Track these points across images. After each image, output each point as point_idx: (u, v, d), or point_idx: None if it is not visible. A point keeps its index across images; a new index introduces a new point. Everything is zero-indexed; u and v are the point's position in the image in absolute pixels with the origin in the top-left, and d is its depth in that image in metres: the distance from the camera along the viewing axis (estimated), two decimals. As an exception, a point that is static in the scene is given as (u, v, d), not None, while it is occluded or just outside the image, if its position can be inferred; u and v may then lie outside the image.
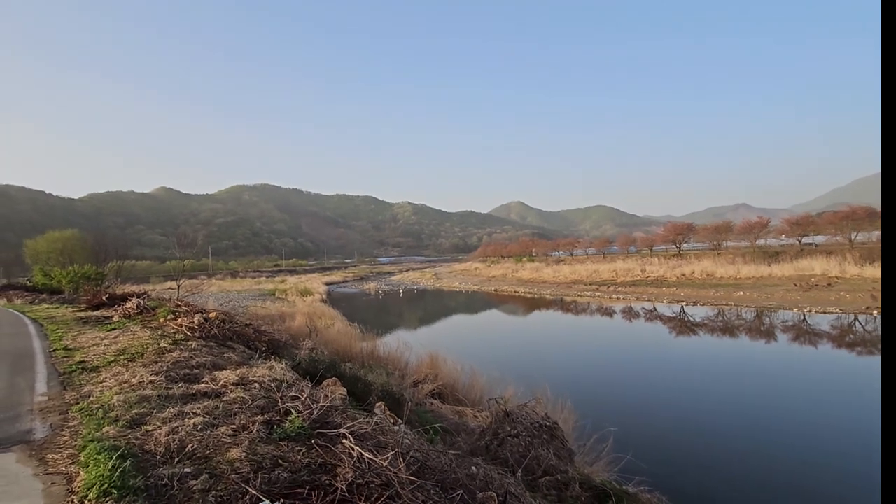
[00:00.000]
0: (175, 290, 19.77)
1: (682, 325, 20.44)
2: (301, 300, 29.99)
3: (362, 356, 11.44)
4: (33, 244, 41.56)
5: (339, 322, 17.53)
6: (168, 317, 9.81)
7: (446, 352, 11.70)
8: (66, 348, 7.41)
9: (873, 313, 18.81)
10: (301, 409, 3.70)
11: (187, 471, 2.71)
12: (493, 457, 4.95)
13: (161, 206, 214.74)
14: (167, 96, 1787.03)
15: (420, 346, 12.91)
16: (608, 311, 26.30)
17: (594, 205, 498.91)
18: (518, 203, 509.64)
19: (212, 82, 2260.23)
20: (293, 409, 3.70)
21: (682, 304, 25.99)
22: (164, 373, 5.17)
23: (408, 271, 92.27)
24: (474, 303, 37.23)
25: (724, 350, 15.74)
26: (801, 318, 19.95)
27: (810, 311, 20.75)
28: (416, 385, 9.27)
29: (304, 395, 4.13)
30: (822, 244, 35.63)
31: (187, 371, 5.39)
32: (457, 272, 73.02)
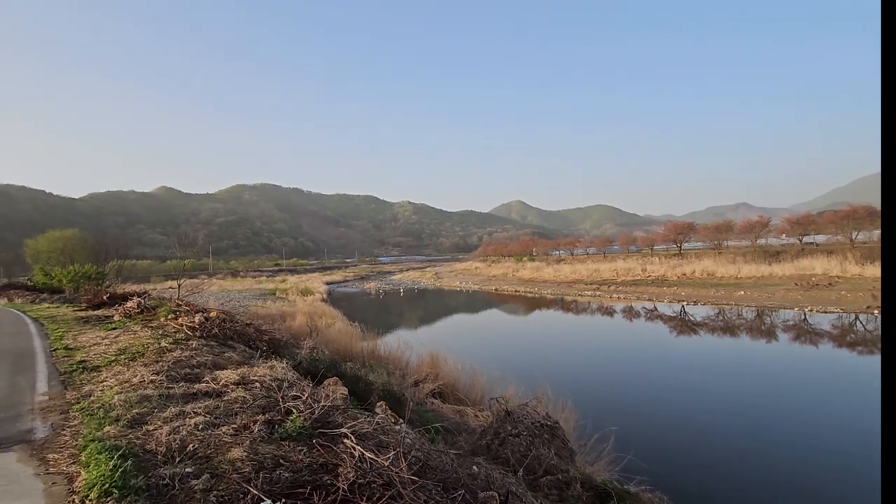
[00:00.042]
0: (175, 290, 19.77)
1: (683, 325, 20.42)
2: (301, 299, 30.00)
3: (363, 356, 11.44)
4: (34, 243, 41.59)
5: (339, 321, 17.54)
6: (169, 316, 9.81)
7: (447, 351, 11.69)
8: (66, 347, 7.39)
9: (874, 313, 18.78)
10: (302, 409, 3.69)
11: (188, 470, 2.70)
12: (494, 456, 4.94)
13: (161, 205, 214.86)
14: (167, 96, 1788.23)
15: (421, 345, 12.90)
16: (609, 311, 26.28)
17: (594, 204, 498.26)
18: (518, 202, 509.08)
19: (212, 82, 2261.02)
20: (294, 409, 3.69)
21: (683, 303, 25.97)
22: (165, 372, 5.16)
23: (408, 271, 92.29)
24: (475, 302, 37.23)
25: (724, 349, 15.73)
26: (802, 317, 19.93)
27: (811, 310, 20.73)
28: (416, 384, 9.26)
29: (305, 394, 4.13)
30: (823, 243, 35.60)
31: (188, 370, 5.38)
32: (457, 271, 73.03)
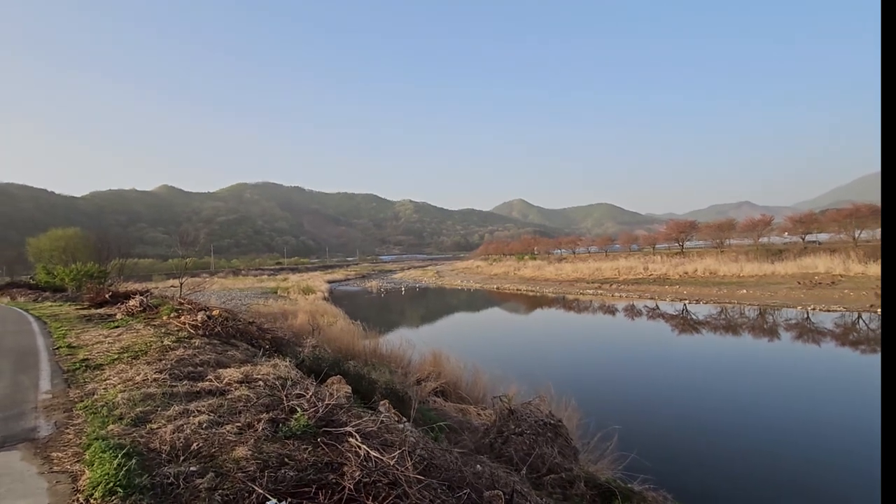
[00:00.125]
0: (177, 288, 19.77)
1: (685, 323, 20.39)
2: (303, 298, 30.01)
3: (365, 354, 11.44)
4: (36, 242, 41.62)
5: (341, 320, 17.56)
6: (171, 314, 9.82)
7: (449, 350, 11.69)
8: (69, 346, 7.40)
9: (877, 311, 18.73)
10: (306, 408, 3.68)
11: (193, 469, 2.69)
12: (497, 455, 4.94)
13: (163, 204, 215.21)
14: (167, 96, 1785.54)
15: (422, 343, 12.90)
16: (611, 309, 26.25)
17: (596, 203, 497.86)
18: (520, 201, 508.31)
19: (212, 82, 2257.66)
20: (298, 408, 3.68)
21: (685, 302, 25.93)
22: (168, 370, 5.16)
23: (409, 269, 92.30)
24: (476, 301, 37.23)
25: (727, 348, 15.69)
26: (805, 316, 19.88)
27: (814, 308, 20.68)
28: (419, 383, 9.26)
29: (308, 393, 4.12)
30: (826, 242, 35.44)
31: (191, 369, 5.38)
32: (459, 270, 73.03)
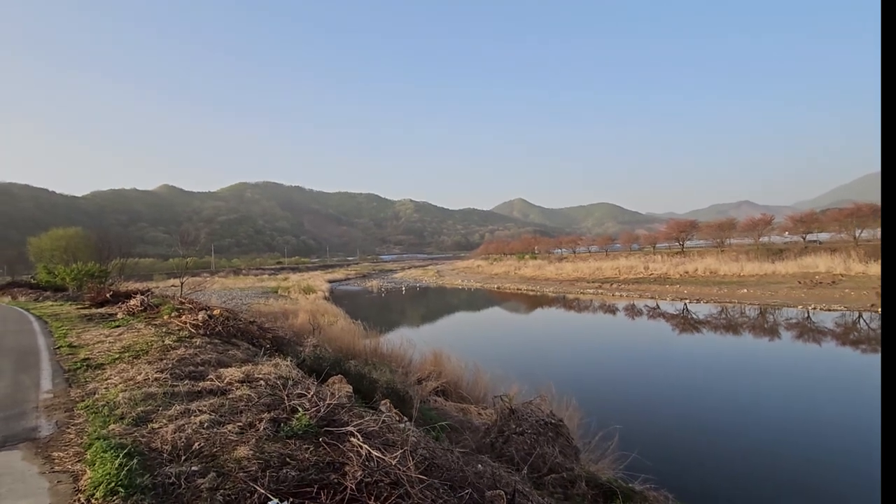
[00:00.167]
0: (178, 288, 19.80)
1: (686, 323, 20.38)
2: (304, 298, 30.01)
3: (366, 353, 11.44)
4: (37, 242, 41.63)
5: (342, 319, 17.57)
6: (172, 314, 9.82)
7: (449, 349, 11.69)
8: (70, 345, 7.40)
9: (878, 310, 18.71)
10: (308, 407, 3.68)
11: (195, 469, 2.69)
12: (498, 454, 4.93)
13: (164, 203, 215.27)
14: (167, 96, 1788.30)
15: (423, 343, 12.91)
16: (611, 309, 26.24)
17: (596, 202, 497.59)
18: (520, 200, 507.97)
19: (212, 82, 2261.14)
20: (300, 407, 3.68)
21: (686, 301, 25.92)
22: (170, 370, 5.15)
23: (410, 269, 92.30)
24: (477, 300, 37.23)
25: (727, 348, 15.68)
26: (806, 315, 19.86)
27: (814, 308, 20.66)
28: (419, 382, 9.25)
29: (310, 392, 4.11)
30: (827, 241, 35.40)
31: (192, 368, 5.37)
32: (459, 270, 73.02)
